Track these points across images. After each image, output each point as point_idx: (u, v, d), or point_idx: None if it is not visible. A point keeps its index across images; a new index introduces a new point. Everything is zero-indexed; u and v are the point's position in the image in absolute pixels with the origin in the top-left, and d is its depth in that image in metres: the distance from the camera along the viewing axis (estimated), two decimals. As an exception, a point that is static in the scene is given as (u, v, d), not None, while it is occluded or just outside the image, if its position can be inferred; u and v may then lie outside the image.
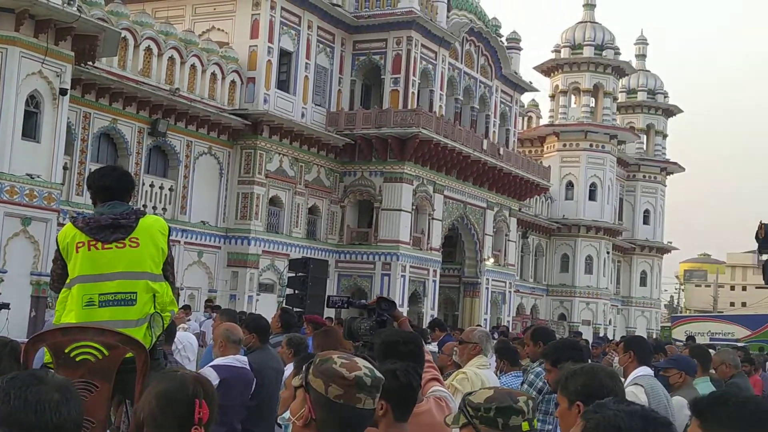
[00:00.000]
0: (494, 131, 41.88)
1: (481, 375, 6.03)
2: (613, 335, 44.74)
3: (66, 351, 3.75)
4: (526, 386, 6.21)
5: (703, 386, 6.62)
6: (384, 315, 4.43)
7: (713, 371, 8.68)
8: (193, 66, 29.44)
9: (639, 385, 5.54)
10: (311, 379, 2.52)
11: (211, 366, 6.12)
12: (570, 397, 3.49)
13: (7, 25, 19.99)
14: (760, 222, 15.65)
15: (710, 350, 10.77)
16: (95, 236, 4.04)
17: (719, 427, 2.35)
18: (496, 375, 7.70)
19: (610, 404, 2.25)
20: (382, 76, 35.41)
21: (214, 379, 5.84)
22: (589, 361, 8.39)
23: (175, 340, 8.00)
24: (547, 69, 52.30)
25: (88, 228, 4.06)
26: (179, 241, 28.55)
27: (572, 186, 50.76)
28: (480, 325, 28.20)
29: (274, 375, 6.61)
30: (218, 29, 32.13)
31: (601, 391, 3.45)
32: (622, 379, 5.87)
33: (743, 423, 2.31)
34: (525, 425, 2.87)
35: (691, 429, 2.51)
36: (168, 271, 4.21)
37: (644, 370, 5.74)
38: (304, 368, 2.58)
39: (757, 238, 15.72)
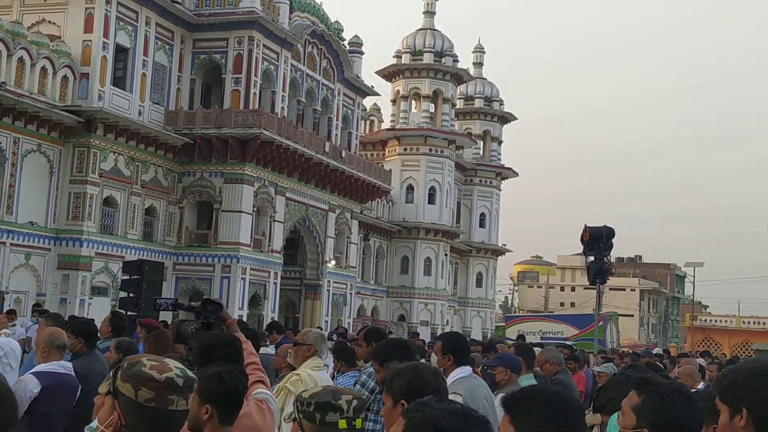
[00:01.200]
0: (336, 134, 42.09)
1: (315, 376, 6.01)
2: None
3: None
4: (359, 386, 6.21)
5: (527, 383, 6.83)
6: (210, 317, 4.34)
7: (539, 369, 9.02)
8: (21, 59, 28.01)
9: (457, 394, 5.39)
10: (119, 384, 2.44)
11: (32, 373, 5.82)
12: (395, 395, 3.50)
13: None
14: (585, 225, 16.48)
15: (538, 348, 11.23)
16: None
17: (528, 422, 2.42)
18: (334, 376, 7.71)
19: (431, 403, 2.25)
20: (223, 76, 34.89)
21: (35, 386, 5.56)
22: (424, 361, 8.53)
23: (-4, 346, 7.56)
24: (389, 74, 53.07)
25: None
26: (5, 243, 27.15)
27: (412, 189, 51.69)
28: (321, 327, 28.27)
29: (101, 381, 6.34)
30: (49, 22, 30.71)
31: (426, 389, 3.47)
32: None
33: (550, 418, 2.37)
34: (342, 423, 2.88)
35: (502, 424, 2.58)
36: None
37: (463, 371, 5.67)
38: (111, 373, 2.50)
39: (582, 240, 16.55)
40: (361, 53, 44.89)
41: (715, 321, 61.20)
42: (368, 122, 55.19)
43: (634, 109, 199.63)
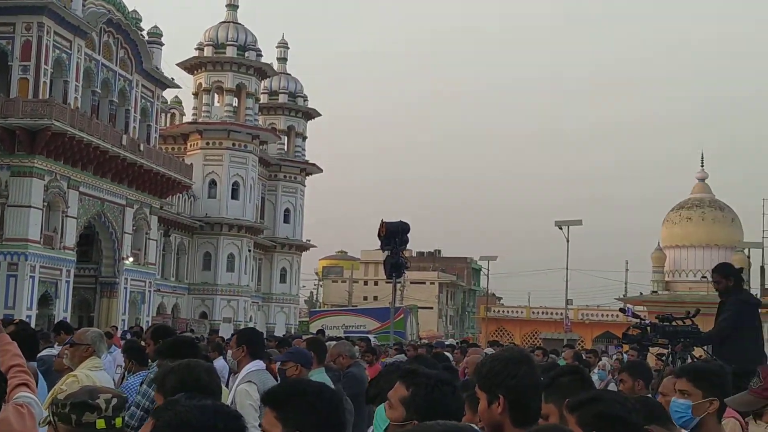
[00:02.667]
0: (135, 127, 40.74)
1: (93, 377, 5.78)
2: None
3: None
4: (145, 386, 6.05)
5: (318, 377, 6.90)
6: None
7: (332, 363, 9.12)
8: None
9: (252, 383, 5.63)
10: None
11: None
12: (166, 394, 3.46)
13: None
14: (382, 221, 16.87)
15: (332, 342, 11.35)
16: None
17: (293, 417, 2.44)
18: (125, 376, 7.47)
19: (181, 401, 2.25)
20: (10, 63, 32.94)
21: None
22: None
23: None
24: (191, 66, 52.00)
25: None
26: None
27: (215, 184, 50.92)
28: (116, 327, 27.23)
29: None
30: None
31: (198, 385, 3.47)
32: (241, 373, 5.97)
33: (316, 411, 2.42)
34: (101, 423, 2.80)
35: (266, 421, 2.57)
36: None
37: (257, 364, 5.87)
38: None
39: (379, 235, 16.91)
40: (161, 44, 43.70)
41: (508, 312, 64.35)
42: (169, 115, 53.85)
43: (435, 106, 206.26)
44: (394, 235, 16.70)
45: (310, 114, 61.50)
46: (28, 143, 31.88)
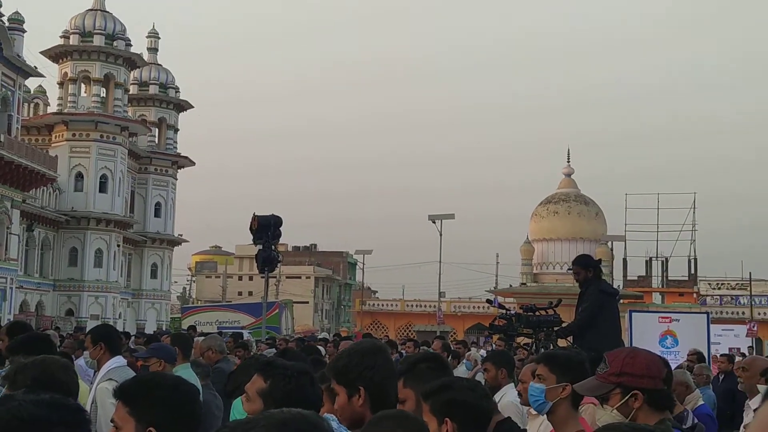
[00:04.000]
0: (-6, 116, 38.97)
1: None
2: (123, 328, 44.34)
3: None
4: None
5: (183, 373, 6.77)
6: None
7: (201, 358, 8.98)
8: None
9: (113, 381, 5.49)
10: None
11: None
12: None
13: None
14: (254, 214, 16.67)
15: (199, 338, 11.17)
16: None
17: (147, 411, 2.39)
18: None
19: (18, 396, 2.16)
20: None
21: None
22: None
23: None
24: (56, 55, 50.10)
25: None
26: None
27: (82, 177, 49.29)
28: None
29: None
30: None
31: (53, 383, 3.35)
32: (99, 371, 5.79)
33: (171, 406, 2.42)
34: None
35: (118, 416, 2.50)
36: None
37: (118, 361, 5.72)
38: None
39: (251, 229, 16.71)
40: (23, 31, 41.92)
41: (383, 305, 64.99)
42: (32, 105, 51.76)
43: (305, 93, 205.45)
44: (266, 228, 16.52)
45: (182, 106, 60.30)
46: None
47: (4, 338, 6.80)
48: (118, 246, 50.95)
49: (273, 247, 17.03)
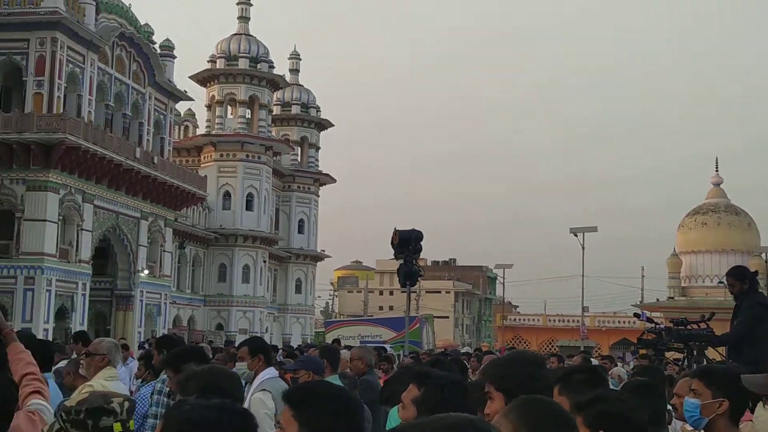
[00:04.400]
0: (148, 139, 40.93)
1: (109, 387, 5.80)
2: (270, 342, 45.56)
3: None
4: (156, 395, 6.09)
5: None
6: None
7: (348, 369, 9.14)
8: None
9: (267, 391, 5.67)
10: None
11: None
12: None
13: None
14: (395, 229, 16.87)
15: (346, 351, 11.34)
16: None
17: (311, 417, 2.48)
18: (141, 384, 7.50)
19: (190, 400, 2.29)
20: (24, 78, 33.17)
21: None
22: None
23: None
24: (203, 79, 52.27)
25: None
26: None
27: (229, 196, 51.10)
28: (123, 339, 27.30)
29: None
30: None
31: (220, 390, 3.50)
32: (252, 383, 6.00)
33: (333, 413, 2.47)
34: (117, 426, 2.82)
35: (284, 418, 2.61)
36: None
37: (270, 372, 5.90)
38: None
39: (392, 244, 16.91)
40: (173, 57, 43.92)
41: (524, 320, 64.25)
42: (182, 128, 54.14)
43: (448, 115, 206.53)
44: (407, 243, 16.68)
45: (323, 125, 61.66)
46: (43, 157, 32.09)
47: (154, 352, 7.16)
48: (264, 262, 52.49)
49: (414, 261, 17.17)
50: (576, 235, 40.84)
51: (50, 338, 28.41)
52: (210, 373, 3.71)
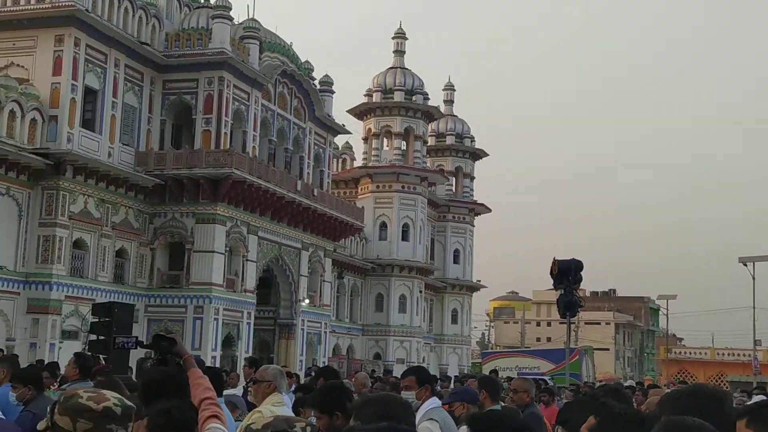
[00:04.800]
0: (308, 172, 42.13)
1: (276, 412, 5.96)
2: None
3: None
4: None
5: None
6: (166, 354, 4.31)
7: (509, 399, 9.05)
8: (-11, 103, 27.87)
9: (434, 420, 5.70)
10: (57, 418, 2.43)
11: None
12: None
13: None
14: (554, 259, 16.61)
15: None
16: None
17: None
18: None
19: (357, 426, 2.32)
20: (194, 116, 34.90)
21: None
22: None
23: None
24: (360, 112, 53.42)
25: None
26: (-28, 288, 26.79)
27: (386, 226, 51.78)
28: (285, 366, 27.98)
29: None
30: (18, 65, 30.62)
31: (394, 419, 3.54)
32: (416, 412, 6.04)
33: None
34: None
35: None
36: None
37: (435, 402, 5.92)
38: (48, 409, 2.48)
39: (551, 274, 16.66)
40: (332, 92, 45.13)
41: (690, 353, 61.55)
42: (340, 160, 55.43)
43: (601, 141, 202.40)
44: (566, 273, 16.41)
45: (478, 154, 61.66)
46: (211, 192, 33.57)
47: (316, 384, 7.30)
48: (420, 292, 52.77)
49: (574, 291, 16.84)
50: (746, 265, 38.88)
51: (218, 365, 29.55)
52: (384, 400, 3.77)
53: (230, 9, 35.72)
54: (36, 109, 29.49)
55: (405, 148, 52.68)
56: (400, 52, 54.31)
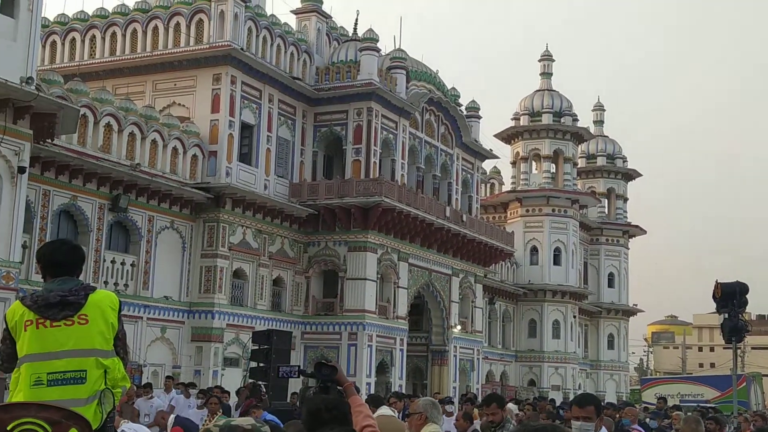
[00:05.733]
0: (457, 198, 42.22)
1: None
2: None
3: (8, 429, 3.69)
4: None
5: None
6: (327, 381, 4.41)
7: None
8: (154, 141, 29.47)
9: None
10: None
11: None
12: None
13: (-35, 104, 19.95)
14: (716, 281, 15.92)
15: (678, 412, 10.83)
16: (43, 314, 3.97)
17: None
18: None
19: None
20: (344, 147, 35.69)
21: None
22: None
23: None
24: (508, 136, 53.14)
25: (36, 306, 3.99)
26: (141, 317, 28.23)
27: (537, 251, 51.11)
28: (437, 393, 27.96)
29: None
30: (179, 104, 32.29)
31: None
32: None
33: None
34: None
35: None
36: (119, 347, 4.14)
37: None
38: None
39: (714, 297, 15.97)
40: (479, 117, 45.13)
41: None
42: (488, 185, 55.24)
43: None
44: (730, 296, 15.71)
45: (630, 175, 60.07)
46: (362, 220, 34.16)
47: (496, 411, 7.22)
48: (574, 317, 51.67)
49: (739, 315, 16.09)
50: None
51: (372, 392, 29.90)
52: (553, 430, 3.71)
53: (377, 41, 36.44)
54: (197, 145, 30.97)
55: (554, 170, 51.97)
56: (547, 74, 53.78)
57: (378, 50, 36.40)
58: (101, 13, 34.63)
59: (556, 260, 50.89)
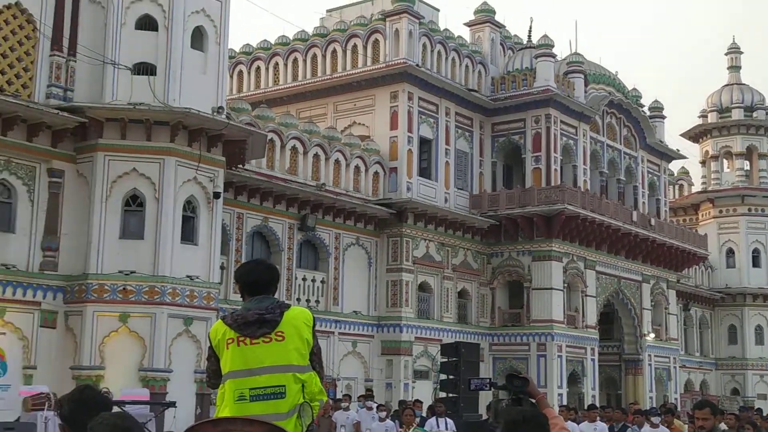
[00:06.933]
0: (644, 202, 40.85)
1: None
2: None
3: (217, 442, 3.87)
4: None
5: None
6: (520, 393, 4.37)
7: None
8: (337, 161, 30.36)
9: None
10: None
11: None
12: None
13: (164, 136, 21.34)
14: None
15: None
16: (243, 332, 4.17)
17: None
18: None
19: None
20: (523, 156, 35.39)
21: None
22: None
23: None
24: (695, 135, 50.94)
25: (236, 324, 4.20)
26: (333, 332, 29.04)
27: (733, 253, 48.63)
28: (636, 403, 26.98)
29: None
30: (359, 123, 33.09)
31: None
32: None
33: None
34: None
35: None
36: (315, 361, 4.28)
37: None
38: None
39: None
40: (663, 117, 43.54)
41: None
42: (677, 187, 53.11)
43: None
44: None
45: (834, 168, 55.97)
46: (544, 228, 33.70)
47: (708, 416, 6.87)
48: (779, 322, 48.63)
49: None
50: None
51: (564, 403, 29.34)
52: None
53: (553, 46, 35.97)
54: (378, 162, 31.63)
55: (749, 168, 49.29)
56: (735, 68, 51.14)
57: (554, 56, 35.89)
58: (283, 41, 36.07)
59: (756, 262, 48.18)
